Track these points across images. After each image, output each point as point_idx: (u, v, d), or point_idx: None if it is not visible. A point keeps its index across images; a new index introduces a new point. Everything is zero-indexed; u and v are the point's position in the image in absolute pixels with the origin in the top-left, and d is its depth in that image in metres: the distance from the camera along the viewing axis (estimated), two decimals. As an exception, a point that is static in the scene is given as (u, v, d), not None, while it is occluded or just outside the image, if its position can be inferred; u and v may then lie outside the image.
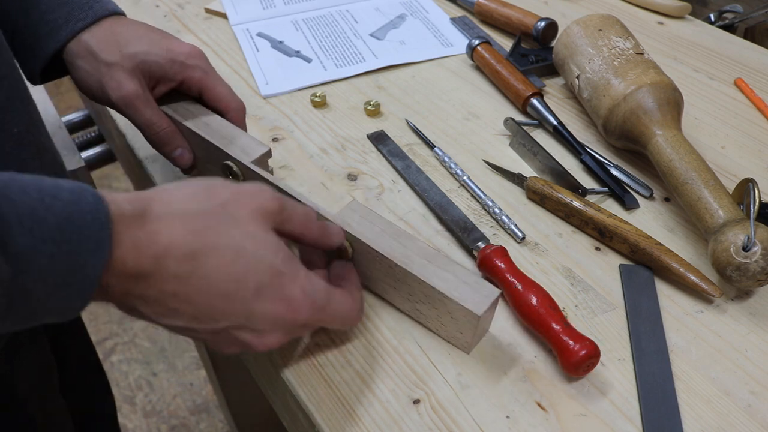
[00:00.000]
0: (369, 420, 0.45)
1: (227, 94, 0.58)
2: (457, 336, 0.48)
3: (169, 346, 1.81)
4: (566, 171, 0.62)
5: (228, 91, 0.59)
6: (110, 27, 0.56)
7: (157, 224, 0.38)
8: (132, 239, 0.36)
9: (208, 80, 0.58)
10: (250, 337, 0.42)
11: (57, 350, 0.75)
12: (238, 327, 0.41)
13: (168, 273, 0.38)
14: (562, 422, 0.45)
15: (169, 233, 0.38)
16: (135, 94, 0.54)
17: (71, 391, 0.77)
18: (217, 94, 0.58)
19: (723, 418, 0.45)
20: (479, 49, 0.78)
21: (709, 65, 0.81)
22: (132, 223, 0.37)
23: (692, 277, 0.53)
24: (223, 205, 0.41)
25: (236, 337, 0.42)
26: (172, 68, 0.56)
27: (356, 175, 0.65)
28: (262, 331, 0.42)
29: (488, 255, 0.53)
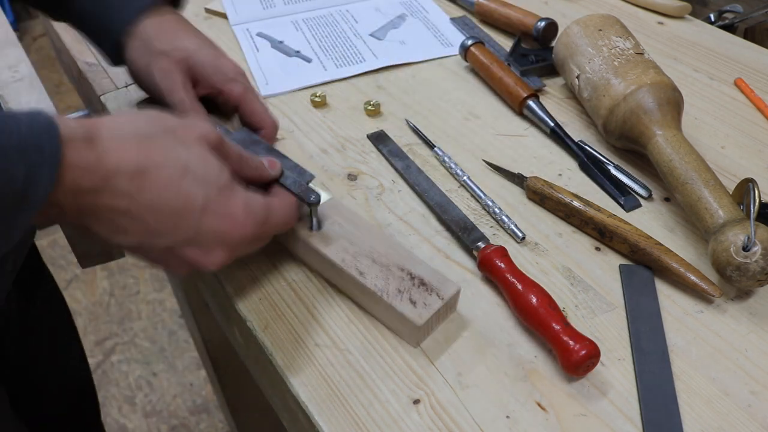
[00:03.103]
0: (369, 420, 0.45)
1: (263, 112, 0.62)
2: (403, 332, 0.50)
3: (169, 346, 1.81)
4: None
5: (264, 109, 0.62)
6: (169, 19, 0.60)
7: (106, 144, 0.39)
8: (83, 158, 0.38)
9: (248, 95, 0.61)
10: (198, 254, 0.44)
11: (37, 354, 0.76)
12: (186, 244, 0.44)
13: (118, 190, 0.40)
14: (562, 422, 0.45)
15: (118, 151, 0.40)
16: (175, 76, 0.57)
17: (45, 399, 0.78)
18: (254, 109, 0.61)
19: (723, 418, 0.45)
20: (472, 50, 0.78)
21: (709, 65, 0.81)
22: (82, 144, 0.38)
23: (692, 277, 0.53)
24: (169, 128, 0.43)
25: (185, 253, 0.44)
26: (216, 75, 0.60)
27: (356, 175, 0.65)
28: (209, 248, 0.44)
29: (488, 255, 0.53)
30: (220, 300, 0.58)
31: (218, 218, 0.44)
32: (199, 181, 0.43)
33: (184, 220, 0.42)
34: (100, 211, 0.40)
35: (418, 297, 0.49)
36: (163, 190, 0.41)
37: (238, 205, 0.45)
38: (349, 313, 0.52)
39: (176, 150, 0.42)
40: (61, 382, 0.83)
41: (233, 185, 0.45)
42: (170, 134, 0.43)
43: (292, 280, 0.55)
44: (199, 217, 0.43)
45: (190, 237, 0.43)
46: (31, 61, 0.90)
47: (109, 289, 1.96)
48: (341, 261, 0.50)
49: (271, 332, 0.51)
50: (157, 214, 0.41)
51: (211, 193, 0.43)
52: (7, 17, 0.98)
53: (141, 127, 0.42)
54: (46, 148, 0.36)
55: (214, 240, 0.44)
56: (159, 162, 0.41)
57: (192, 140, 0.44)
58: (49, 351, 0.80)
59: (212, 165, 0.44)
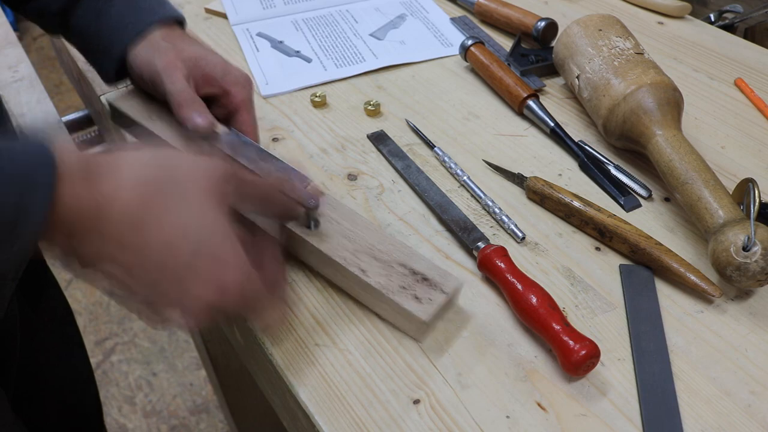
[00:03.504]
0: (369, 420, 0.45)
1: (254, 127, 0.60)
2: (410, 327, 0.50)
3: (169, 346, 1.81)
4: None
5: (256, 126, 0.61)
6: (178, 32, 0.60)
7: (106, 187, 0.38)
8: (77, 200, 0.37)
9: (250, 105, 0.60)
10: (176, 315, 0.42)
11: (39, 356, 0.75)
12: (165, 302, 0.42)
13: (109, 235, 0.38)
14: (562, 422, 0.45)
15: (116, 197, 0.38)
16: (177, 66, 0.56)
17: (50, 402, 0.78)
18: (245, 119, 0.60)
19: (723, 418, 0.45)
20: (472, 50, 0.78)
21: (709, 65, 0.81)
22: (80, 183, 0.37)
23: (692, 277, 0.53)
24: (174, 176, 0.41)
25: (161, 312, 0.42)
26: (225, 77, 0.59)
27: (356, 175, 0.65)
28: (188, 311, 0.42)
29: (488, 255, 0.53)
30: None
31: (204, 283, 0.41)
32: (193, 243, 0.40)
33: (167, 277, 0.40)
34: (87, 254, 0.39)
35: (422, 293, 0.49)
36: (155, 247, 0.39)
37: (230, 278, 0.42)
38: (349, 313, 0.52)
39: (177, 208, 0.40)
40: (64, 384, 0.83)
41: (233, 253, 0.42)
42: (173, 182, 0.41)
43: (292, 280, 0.55)
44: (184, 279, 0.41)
45: (170, 297, 0.41)
46: (31, 61, 0.90)
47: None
48: (342, 260, 0.50)
49: (271, 332, 0.51)
50: (142, 267, 0.40)
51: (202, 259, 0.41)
52: (7, 17, 0.98)
53: (147, 173, 0.40)
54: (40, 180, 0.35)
55: (197, 305, 0.42)
56: (155, 217, 0.39)
57: (197, 194, 0.41)
58: (53, 354, 0.80)
59: (212, 228, 0.41)
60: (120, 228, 0.38)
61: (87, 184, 0.37)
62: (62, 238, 0.38)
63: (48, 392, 0.80)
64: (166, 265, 0.40)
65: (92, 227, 0.38)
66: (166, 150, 0.44)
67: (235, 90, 0.59)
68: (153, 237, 0.39)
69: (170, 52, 0.57)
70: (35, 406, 0.76)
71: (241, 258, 0.43)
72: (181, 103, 0.56)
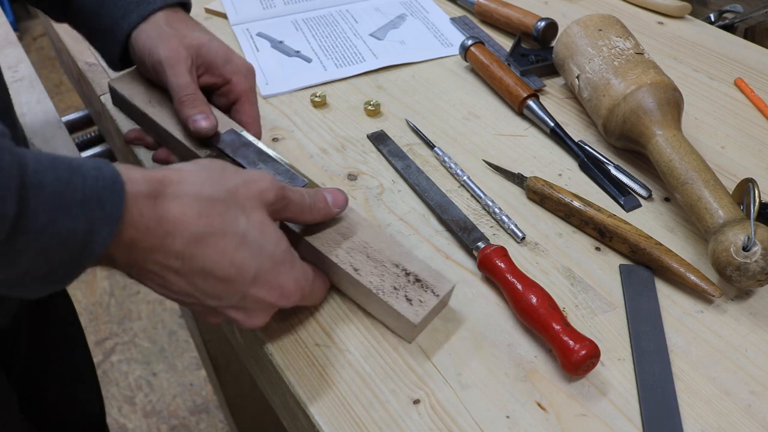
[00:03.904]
0: (369, 420, 0.45)
1: (255, 117, 0.60)
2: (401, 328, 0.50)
3: (169, 346, 1.81)
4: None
5: (258, 115, 0.60)
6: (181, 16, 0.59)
7: (169, 204, 0.40)
8: (143, 218, 0.38)
9: (251, 95, 0.60)
10: (240, 316, 0.45)
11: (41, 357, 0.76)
12: (229, 306, 0.44)
13: (173, 251, 0.40)
14: (562, 422, 0.45)
15: (179, 215, 0.40)
16: (181, 57, 0.56)
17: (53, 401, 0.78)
18: (247, 110, 0.59)
19: (723, 418, 0.45)
20: (472, 50, 0.78)
21: (709, 65, 0.81)
22: (145, 201, 0.38)
23: (692, 277, 0.53)
24: (232, 192, 0.43)
25: (226, 313, 0.45)
26: (227, 66, 0.58)
27: (356, 175, 0.65)
28: (251, 312, 0.45)
29: (488, 255, 0.53)
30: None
31: (267, 289, 0.44)
32: (254, 252, 0.43)
33: (232, 287, 0.43)
34: (150, 267, 0.40)
35: (414, 294, 0.49)
36: (217, 258, 0.41)
37: (290, 279, 0.45)
38: (349, 313, 0.52)
39: (237, 219, 0.42)
40: (67, 383, 0.83)
41: (289, 256, 0.45)
42: (232, 198, 0.42)
43: (292, 280, 0.54)
44: (248, 287, 0.43)
45: (235, 302, 0.44)
46: (31, 61, 0.90)
47: (109, 289, 1.96)
48: (335, 257, 0.50)
49: (271, 332, 0.51)
50: (206, 278, 0.42)
51: (264, 266, 0.43)
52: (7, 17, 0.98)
53: (205, 189, 0.42)
54: (108, 206, 0.36)
55: (259, 306, 0.45)
56: (217, 230, 0.41)
57: (253, 205, 0.43)
58: (57, 353, 0.80)
59: (270, 235, 0.44)
60: (183, 245, 0.40)
61: (152, 203, 0.39)
62: (124, 255, 0.39)
63: (51, 391, 0.80)
64: (231, 278, 0.42)
65: (155, 245, 0.39)
66: (220, 165, 0.44)
67: (237, 79, 0.59)
68: (216, 248, 0.41)
69: (173, 39, 0.56)
70: (39, 405, 0.76)
71: (297, 261, 0.46)
72: (184, 101, 0.55)
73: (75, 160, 0.36)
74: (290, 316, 0.52)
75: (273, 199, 0.45)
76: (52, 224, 0.34)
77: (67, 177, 0.35)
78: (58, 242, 0.35)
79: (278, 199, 0.45)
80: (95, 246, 0.36)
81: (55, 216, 0.34)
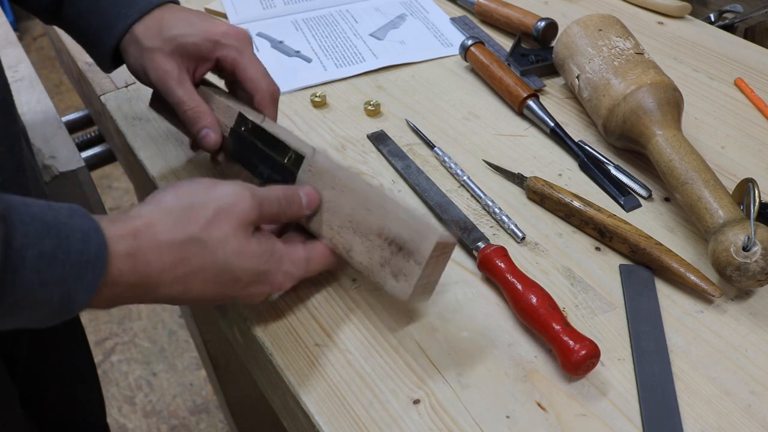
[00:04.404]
0: (369, 420, 0.45)
1: (258, 76, 0.57)
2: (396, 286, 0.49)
3: (169, 346, 1.81)
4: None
5: (260, 73, 0.57)
6: (158, 15, 0.58)
7: (147, 259, 0.41)
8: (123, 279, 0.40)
9: (241, 59, 0.57)
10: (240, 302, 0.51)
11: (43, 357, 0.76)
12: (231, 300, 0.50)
13: (160, 296, 0.43)
14: (562, 422, 0.45)
15: (159, 265, 0.42)
16: (169, 75, 0.56)
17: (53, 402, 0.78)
18: (247, 74, 0.57)
19: (723, 418, 0.45)
20: (472, 50, 0.78)
21: (709, 65, 0.81)
22: (125, 263, 0.40)
23: (692, 277, 0.53)
24: (204, 227, 0.44)
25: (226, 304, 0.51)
26: (206, 47, 0.57)
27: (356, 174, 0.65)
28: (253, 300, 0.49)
29: (488, 255, 0.53)
30: (220, 300, 0.58)
31: (260, 287, 0.47)
32: (236, 276, 0.45)
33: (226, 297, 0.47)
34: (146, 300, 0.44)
35: (398, 267, 0.47)
36: (203, 289, 0.45)
37: (278, 275, 0.47)
38: (349, 313, 0.52)
39: (214, 254, 0.44)
40: (67, 382, 0.83)
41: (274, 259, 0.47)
42: (206, 234, 0.44)
43: (292, 280, 0.55)
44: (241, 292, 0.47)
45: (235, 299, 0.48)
46: (31, 61, 0.90)
47: (109, 289, 1.96)
48: (329, 241, 0.51)
49: (271, 332, 0.51)
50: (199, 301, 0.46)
51: (249, 280, 0.46)
52: (7, 17, 0.98)
53: (176, 233, 0.43)
54: (87, 278, 0.38)
55: (257, 298, 0.49)
56: (196, 269, 0.43)
57: (227, 234, 0.44)
58: (57, 351, 0.80)
59: (249, 256, 0.46)
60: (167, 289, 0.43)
61: (131, 264, 0.41)
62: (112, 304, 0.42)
63: (52, 391, 0.80)
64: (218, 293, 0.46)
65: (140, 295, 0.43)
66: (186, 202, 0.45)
67: (221, 55, 0.57)
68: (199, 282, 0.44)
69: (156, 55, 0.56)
70: (39, 405, 0.76)
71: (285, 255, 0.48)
72: (186, 118, 0.57)
73: (64, 228, 0.37)
74: (290, 316, 0.52)
75: (250, 217, 0.46)
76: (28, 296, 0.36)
77: (51, 253, 0.36)
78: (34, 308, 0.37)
79: (256, 217, 0.47)
80: (74, 307, 0.39)
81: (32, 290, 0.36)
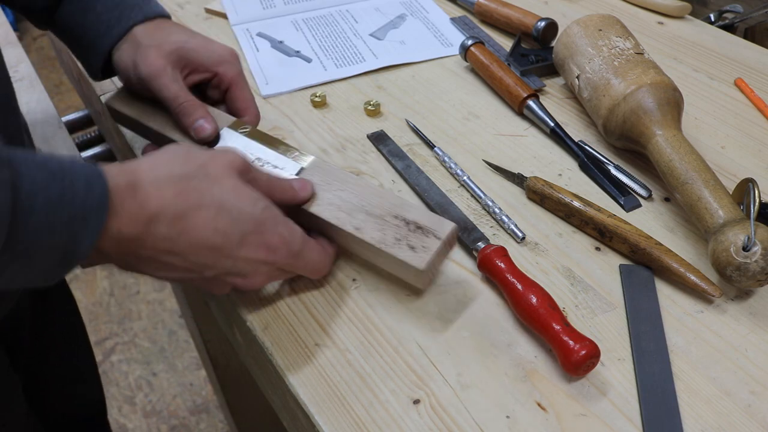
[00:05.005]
0: (369, 420, 0.45)
1: (250, 100, 0.61)
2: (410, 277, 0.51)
3: (169, 346, 1.81)
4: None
5: (252, 97, 0.62)
6: (160, 23, 0.60)
7: (147, 191, 0.42)
8: (126, 210, 0.41)
9: (240, 79, 0.61)
10: (238, 280, 0.48)
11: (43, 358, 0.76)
12: (226, 273, 0.47)
13: (160, 234, 0.42)
14: (562, 422, 0.45)
15: (159, 198, 0.42)
16: (163, 71, 0.57)
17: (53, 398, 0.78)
18: (242, 94, 0.61)
19: (723, 418, 0.45)
20: (472, 50, 0.78)
21: (709, 65, 0.81)
22: (126, 194, 0.41)
23: (692, 277, 0.53)
24: (201, 166, 0.45)
25: (225, 281, 0.48)
26: (210, 58, 0.59)
27: (356, 175, 0.65)
28: (247, 274, 0.47)
29: (488, 255, 0.53)
30: (220, 300, 0.58)
31: (255, 249, 0.46)
32: (234, 217, 0.45)
33: (222, 254, 0.45)
34: (143, 253, 0.43)
35: (416, 242, 0.49)
36: (202, 231, 0.44)
37: (274, 235, 0.47)
38: (349, 313, 0.52)
39: (211, 190, 0.44)
40: (68, 380, 0.84)
41: (270, 213, 0.47)
42: (202, 172, 0.45)
43: (292, 280, 0.55)
44: (237, 250, 0.45)
45: (229, 267, 0.46)
46: (31, 61, 0.90)
47: (109, 289, 1.96)
48: (336, 219, 0.51)
49: (271, 332, 0.51)
50: (197, 252, 0.44)
51: (246, 227, 0.45)
52: (7, 17, 0.98)
53: (175, 169, 0.44)
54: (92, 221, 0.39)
55: (252, 267, 0.47)
56: (195, 204, 0.43)
57: (223, 173, 0.45)
58: (58, 349, 0.80)
59: (246, 198, 0.46)
60: (168, 225, 0.42)
61: (131, 195, 0.41)
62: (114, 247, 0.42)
63: (53, 387, 0.80)
64: (218, 245, 0.44)
65: (142, 232, 0.42)
66: (185, 147, 0.47)
67: (223, 69, 0.60)
68: (198, 221, 0.43)
69: (151, 52, 0.57)
70: (40, 404, 0.76)
71: (280, 217, 0.48)
72: (180, 111, 0.57)
73: (68, 175, 0.38)
74: (290, 316, 0.52)
75: (242, 167, 0.47)
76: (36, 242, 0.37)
77: (57, 197, 0.37)
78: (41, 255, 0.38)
79: (246, 168, 0.47)
80: (80, 251, 0.39)
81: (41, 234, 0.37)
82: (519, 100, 0.71)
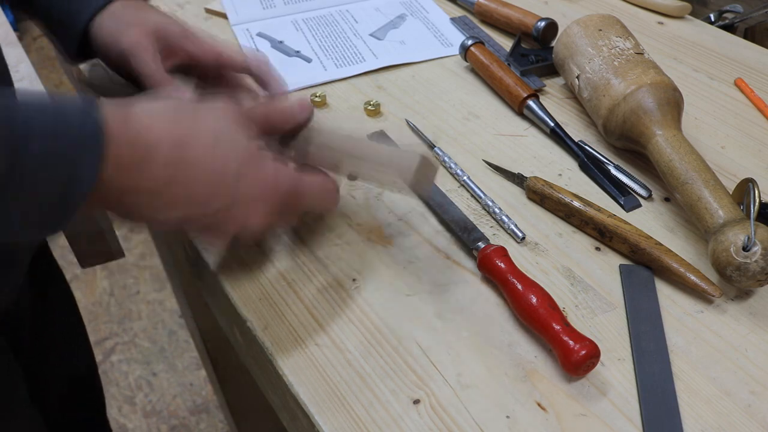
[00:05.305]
0: (369, 420, 0.45)
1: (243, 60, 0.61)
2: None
3: (169, 346, 1.81)
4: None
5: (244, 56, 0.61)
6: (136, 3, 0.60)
7: (144, 120, 0.42)
8: (125, 136, 0.40)
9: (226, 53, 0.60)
10: (240, 218, 0.47)
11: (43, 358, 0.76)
12: (226, 209, 0.46)
13: (160, 161, 0.42)
14: (562, 422, 0.45)
15: (157, 126, 0.42)
16: (145, 48, 0.57)
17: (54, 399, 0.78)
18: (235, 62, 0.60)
19: (723, 418, 0.45)
20: (472, 50, 0.78)
21: (709, 65, 0.81)
22: (122, 122, 0.40)
23: (692, 277, 0.53)
24: (195, 104, 0.46)
25: (225, 223, 0.47)
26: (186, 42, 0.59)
27: (356, 175, 0.65)
28: (248, 211, 0.47)
29: (488, 255, 0.53)
30: (220, 300, 0.58)
31: (253, 182, 0.46)
32: (230, 145, 0.45)
33: (222, 185, 0.45)
34: (143, 187, 0.42)
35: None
36: (201, 157, 0.43)
37: (268, 172, 0.47)
38: (349, 313, 0.52)
39: (206, 118, 0.45)
40: (68, 378, 0.84)
41: (261, 153, 0.47)
42: (196, 107, 0.46)
43: (292, 280, 0.55)
44: (235, 182, 0.45)
45: (228, 203, 0.45)
46: (31, 61, 0.90)
47: (109, 289, 1.96)
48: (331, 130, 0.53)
49: (271, 332, 0.51)
50: (196, 181, 0.43)
51: (243, 158, 0.45)
52: (7, 17, 0.98)
53: (168, 105, 0.45)
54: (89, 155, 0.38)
55: (252, 202, 0.47)
56: (193, 131, 0.44)
57: (217, 106, 0.47)
58: (58, 347, 0.80)
59: (239, 133, 0.46)
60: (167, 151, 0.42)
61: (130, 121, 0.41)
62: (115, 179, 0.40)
63: (53, 387, 0.80)
64: (218, 175, 0.44)
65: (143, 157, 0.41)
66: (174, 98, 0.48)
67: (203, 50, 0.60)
68: (197, 148, 0.43)
69: (133, 28, 0.57)
70: (40, 404, 0.76)
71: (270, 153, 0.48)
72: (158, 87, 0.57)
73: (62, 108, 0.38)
74: (290, 316, 0.52)
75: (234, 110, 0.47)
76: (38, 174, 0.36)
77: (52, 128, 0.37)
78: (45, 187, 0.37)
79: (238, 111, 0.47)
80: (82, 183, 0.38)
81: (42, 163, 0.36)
82: (519, 100, 0.71)
